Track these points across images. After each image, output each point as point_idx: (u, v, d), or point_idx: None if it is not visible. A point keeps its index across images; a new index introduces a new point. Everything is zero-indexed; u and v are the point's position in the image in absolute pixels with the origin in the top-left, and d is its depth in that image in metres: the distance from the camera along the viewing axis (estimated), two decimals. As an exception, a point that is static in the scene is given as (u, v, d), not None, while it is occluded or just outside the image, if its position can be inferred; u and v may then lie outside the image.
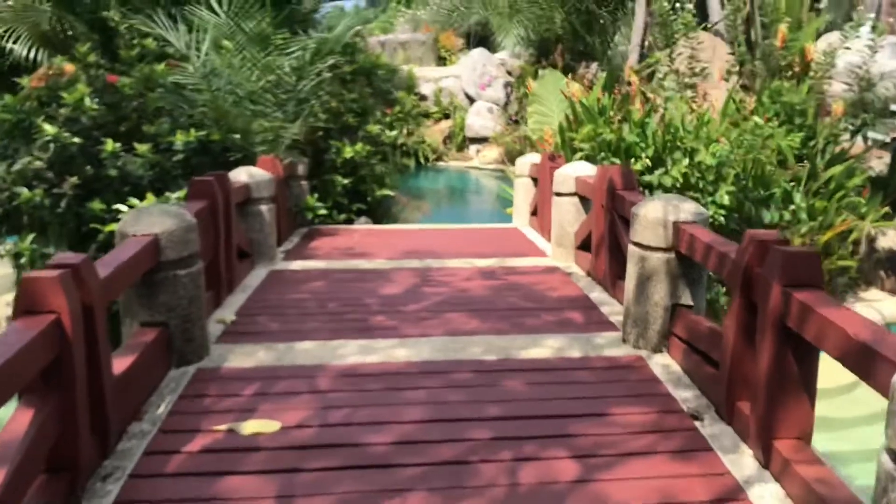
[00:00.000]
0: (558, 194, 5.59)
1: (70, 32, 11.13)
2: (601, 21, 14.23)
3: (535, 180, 7.43)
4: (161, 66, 7.48)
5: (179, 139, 6.89)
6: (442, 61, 20.97)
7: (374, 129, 8.34)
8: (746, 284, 2.74)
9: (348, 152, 7.98)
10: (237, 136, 6.92)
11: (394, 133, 8.49)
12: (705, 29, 14.27)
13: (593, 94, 7.36)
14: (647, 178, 6.20)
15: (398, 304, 4.47)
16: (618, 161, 6.19)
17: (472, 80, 18.25)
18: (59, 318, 2.40)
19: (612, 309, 4.35)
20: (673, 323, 3.58)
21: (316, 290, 4.83)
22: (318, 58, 7.27)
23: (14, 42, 11.20)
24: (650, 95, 6.78)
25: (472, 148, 17.86)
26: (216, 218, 4.34)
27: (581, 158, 6.40)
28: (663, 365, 3.50)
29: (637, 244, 3.66)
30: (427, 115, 18.26)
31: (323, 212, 7.00)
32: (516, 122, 17.18)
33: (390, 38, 21.33)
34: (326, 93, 7.93)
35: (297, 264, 5.63)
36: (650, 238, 3.57)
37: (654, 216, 3.55)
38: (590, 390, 3.24)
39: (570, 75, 14.73)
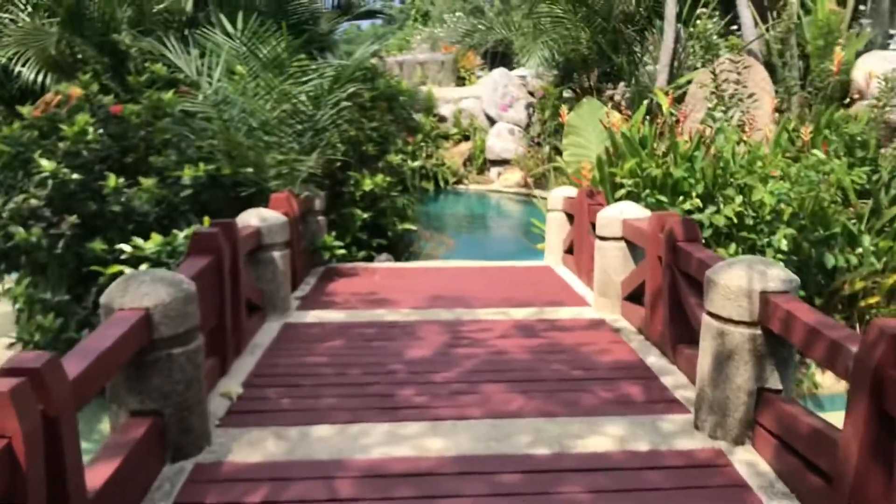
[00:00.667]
0: (602, 238, 5.04)
1: (79, 56, 10.73)
2: (628, 40, 13.71)
3: (569, 215, 6.89)
4: (170, 94, 7.02)
5: (187, 174, 6.41)
6: (461, 81, 20.52)
7: (395, 158, 7.83)
8: (877, 389, 2.17)
9: (368, 184, 7.47)
10: (250, 169, 6.43)
11: (416, 163, 7.98)
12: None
13: (634, 122, 6.80)
14: (696, 216, 5.63)
15: (427, 371, 3.92)
16: (664, 199, 5.63)
17: (492, 101, 17.78)
18: (11, 443, 1.88)
19: (675, 381, 3.78)
20: (759, 411, 3.01)
21: (334, 351, 4.29)
22: (337, 85, 6.78)
23: (23, 65, 10.81)
24: (700, 127, 6.21)
25: (493, 170, 17.36)
26: (221, 275, 3.82)
27: (624, 196, 5.85)
28: (749, 463, 2.93)
29: (714, 316, 3.10)
30: (446, 137, 17.81)
31: (341, 251, 6.47)
32: (539, 144, 16.68)
33: (408, 57, 20.92)
34: (345, 121, 7.44)
35: (313, 315, 5.10)
36: (731, 310, 3.01)
37: (737, 285, 2.98)
38: (666, 501, 2.67)
39: (589, 95, 14.23)
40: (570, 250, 6.74)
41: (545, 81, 16.71)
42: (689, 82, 13.96)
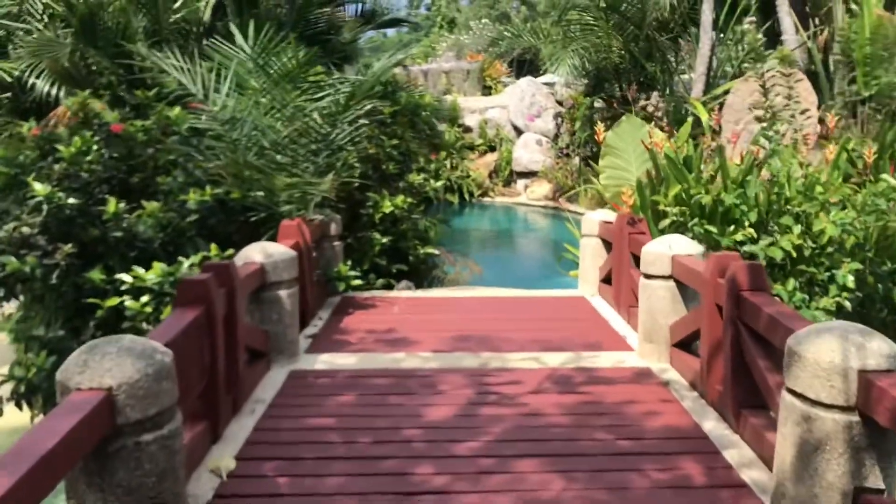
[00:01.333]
0: (648, 276, 4.48)
1: (94, 67, 10.38)
2: (662, 49, 13.12)
3: (606, 242, 6.34)
4: (176, 110, 6.59)
5: (192, 198, 5.96)
6: (487, 91, 20.02)
7: (417, 178, 7.33)
8: None
9: (387, 206, 6.98)
10: (260, 193, 5.96)
11: (439, 183, 7.47)
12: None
13: (678, 140, 6.22)
14: (747, 248, 5.05)
15: (448, 440, 3.39)
16: (713, 229, 5.05)
17: (519, 111, 17.25)
18: None
19: (741, 456, 3.21)
20: (856, 516, 2.45)
21: (343, 410, 3.77)
22: (354, 101, 6.29)
23: (37, 77, 10.47)
24: (753, 148, 5.62)
25: (520, 183, 16.82)
26: (213, 328, 3.33)
27: (668, 226, 5.28)
28: (847, 584, 2.37)
29: (798, 395, 2.54)
30: (472, 148, 17.32)
31: (357, 282, 5.97)
32: (568, 155, 16.11)
33: (433, 66, 20.46)
34: (364, 139, 6.96)
35: (323, 360, 4.59)
36: (820, 391, 2.45)
37: (829, 361, 2.43)
38: None
39: (621, 105, 13.63)
40: (607, 280, 6.19)
41: (574, 91, 16.15)
42: (726, 92, 13.33)
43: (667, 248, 4.39)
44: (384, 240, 6.91)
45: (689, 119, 6.87)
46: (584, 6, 12.57)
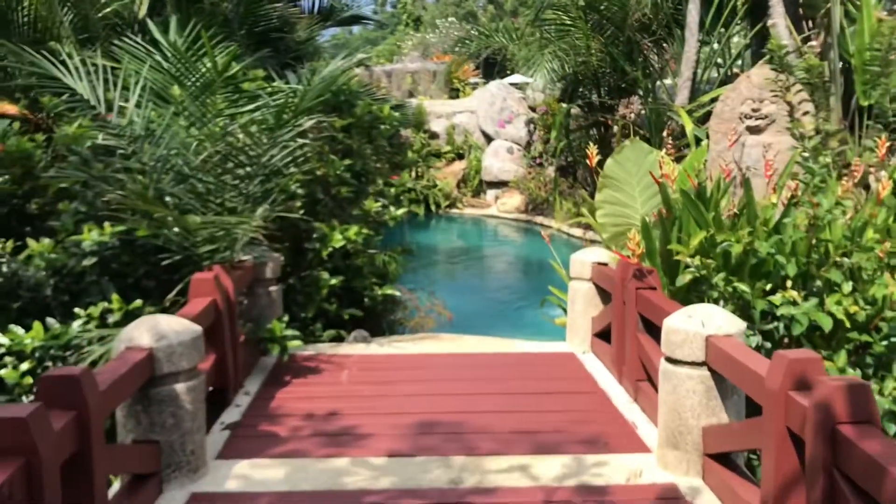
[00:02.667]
0: (673, 361, 3.38)
1: (7, 69, 9.05)
2: (644, 52, 12.10)
3: (599, 287, 5.26)
4: (74, 126, 5.37)
5: (87, 238, 4.74)
6: (455, 93, 18.90)
7: (374, 205, 6.16)
8: None
9: (338, 240, 5.80)
10: (175, 230, 4.75)
11: (401, 211, 6.30)
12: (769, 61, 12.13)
13: (692, 163, 5.13)
14: (784, 310, 3.98)
15: None
16: (745, 288, 3.97)
17: (489, 116, 16.15)
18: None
19: None
20: None
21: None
22: (294, 115, 5.12)
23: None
24: (792, 184, 4.53)
25: (490, 193, 15.73)
26: (45, 480, 2.14)
27: (687, 284, 4.18)
28: None
29: None
30: (438, 156, 16.21)
31: (296, 343, 4.79)
32: (541, 164, 15.06)
33: (398, 66, 19.29)
34: (308, 159, 5.78)
35: (239, 472, 3.41)
36: None
37: None
38: None
39: (598, 112, 12.61)
40: (602, 335, 5.10)
41: (548, 96, 15.10)
42: (713, 101, 12.37)
43: (699, 326, 3.29)
44: (334, 280, 5.73)
45: (704, 143, 5.78)
46: (561, 5, 11.50)
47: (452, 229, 14.77)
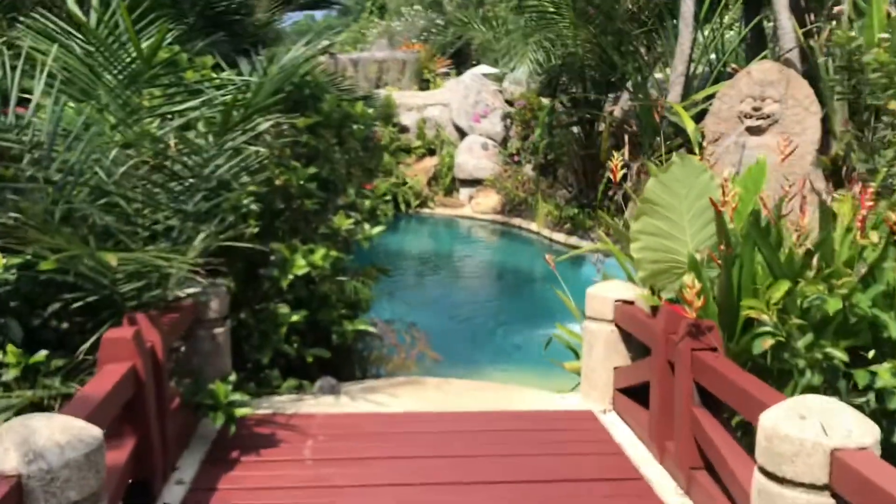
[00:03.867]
0: (776, 478, 2.39)
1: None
2: (634, 44, 11.15)
3: (623, 330, 4.29)
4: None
5: (-34, 274, 3.62)
6: (426, 84, 17.81)
7: (345, 222, 5.08)
8: None
9: (301, 266, 4.73)
10: (90, 262, 3.64)
11: (377, 230, 5.23)
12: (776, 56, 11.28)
13: (746, 179, 4.13)
14: (888, 381, 3.03)
15: None
16: (840, 355, 3.01)
17: (463, 110, 15.11)
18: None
19: None
20: None
21: None
22: (245, 114, 4.03)
23: None
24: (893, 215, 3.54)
25: (464, 192, 14.70)
26: None
27: (768, 349, 3.19)
28: None
29: None
30: (408, 151, 15.12)
31: (244, 410, 3.72)
32: (518, 162, 14.08)
33: (365, 55, 18.11)
34: (266, 165, 4.71)
35: None
36: None
37: None
38: None
39: (583, 108, 11.65)
40: (630, 391, 4.14)
41: (528, 89, 14.10)
42: (707, 98, 11.49)
43: (818, 432, 2.31)
44: (295, 317, 4.66)
45: (761, 156, 4.83)
46: (545, -10, 10.48)
47: (424, 231, 13.72)
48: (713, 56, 11.97)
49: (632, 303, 4.30)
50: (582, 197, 11.98)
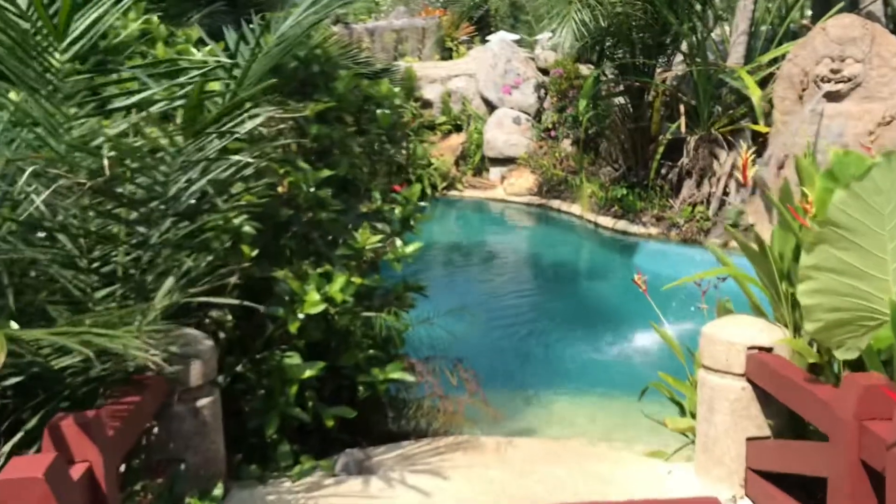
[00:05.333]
0: None
1: None
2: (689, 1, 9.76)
3: (760, 389, 3.09)
4: None
5: None
6: (448, 54, 16.48)
7: (370, 239, 3.89)
8: None
9: (314, 303, 3.56)
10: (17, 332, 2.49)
11: (412, 248, 4.03)
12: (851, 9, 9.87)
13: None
14: None
15: None
16: None
17: (491, 81, 13.79)
18: None
19: None
20: None
21: None
22: (241, 100, 2.86)
23: None
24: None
25: (495, 172, 13.43)
26: None
27: None
28: None
29: None
30: (432, 128, 13.85)
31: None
32: (555, 138, 12.77)
33: (381, 24, 16.77)
34: (263, 171, 3.55)
35: None
36: None
37: None
38: None
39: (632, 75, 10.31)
40: (777, 477, 2.95)
41: (563, 55, 12.74)
42: (774, 61, 10.11)
43: None
44: (309, 371, 3.51)
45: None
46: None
47: (454, 218, 12.51)
48: (776, 10, 10.54)
49: (770, 350, 3.10)
50: (631, 175, 10.68)
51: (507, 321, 7.15)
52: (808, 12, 11.65)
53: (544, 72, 13.52)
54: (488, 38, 14.93)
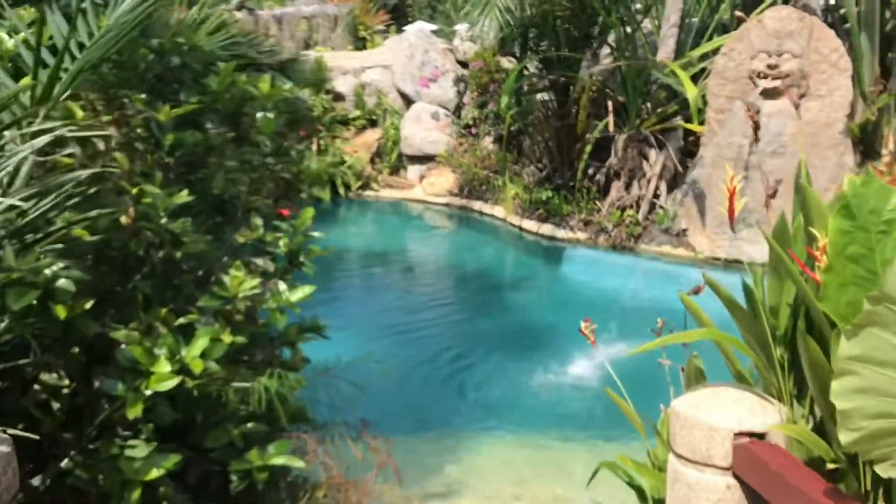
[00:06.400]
0: None
1: None
2: (617, -11, 9.13)
3: (749, 488, 2.36)
4: None
5: None
6: (362, 44, 15.52)
7: (243, 284, 2.98)
8: None
9: (163, 378, 2.65)
10: None
11: (300, 294, 3.13)
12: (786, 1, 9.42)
13: None
14: None
15: None
16: None
17: (408, 73, 12.95)
18: None
19: None
20: None
21: None
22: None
23: None
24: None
25: (413, 170, 12.60)
26: None
27: None
28: None
29: None
30: (345, 123, 12.91)
31: None
32: (475, 135, 12.03)
33: (290, 10, 15.64)
34: (93, 196, 2.62)
35: None
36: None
37: None
38: None
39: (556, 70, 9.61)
40: None
41: (483, 47, 12.00)
42: (706, 55, 9.58)
43: None
44: (157, 471, 2.61)
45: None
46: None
47: (369, 221, 11.63)
48: (706, 2, 10.03)
49: (763, 436, 2.38)
50: (556, 176, 10.03)
51: (428, 347, 6.34)
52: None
53: (464, 64, 12.77)
54: (405, 28, 14.06)
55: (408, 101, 12.93)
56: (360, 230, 11.10)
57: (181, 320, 3.00)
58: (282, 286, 3.06)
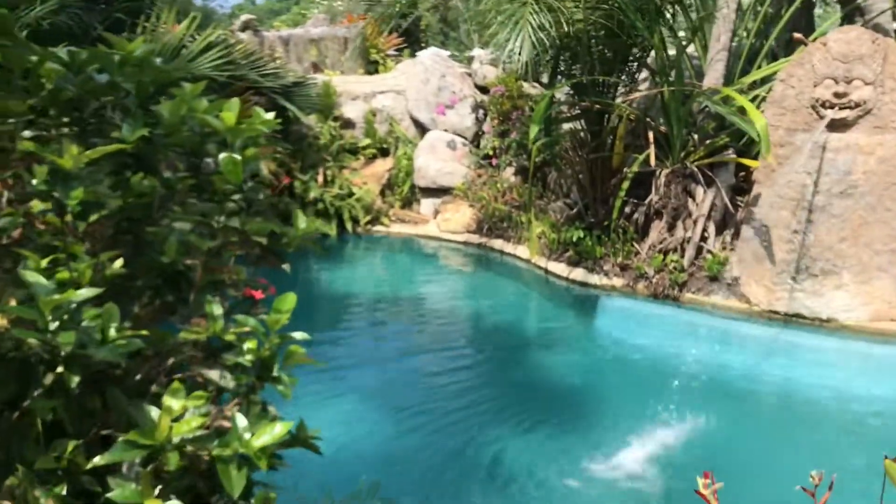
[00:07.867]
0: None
1: None
2: (660, 6, 8.13)
3: None
4: None
5: None
6: (373, 67, 14.60)
7: (181, 427, 1.94)
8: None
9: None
10: None
11: (266, 439, 2.08)
12: (850, 20, 8.39)
13: None
14: None
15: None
16: None
17: (423, 99, 11.98)
18: None
19: None
20: None
21: None
22: None
23: None
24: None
25: (427, 203, 11.59)
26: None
27: None
28: None
29: None
30: (354, 152, 11.93)
31: None
32: (496, 166, 11.02)
33: (297, 32, 14.76)
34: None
35: None
36: None
37: None
38: None
39: (591, 96, 8.53)
40: None
41: (505, 72, 11.03)
42: (761, 81, 8.53)
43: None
44: None
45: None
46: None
47: (378, 260, 10.58)
48: (758, 23, 9.01)
49: None
50: (588, 214, 8.98)
51: (440, 421, 5.27)
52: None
53: (483, 90, 11.79)
54: (431, 50, 13.13)
55: (422, 128, 11.95)
56: (369, 272, 10.07)
57: (96, 461, 1.95)
58: (241, 421, 1.99)
